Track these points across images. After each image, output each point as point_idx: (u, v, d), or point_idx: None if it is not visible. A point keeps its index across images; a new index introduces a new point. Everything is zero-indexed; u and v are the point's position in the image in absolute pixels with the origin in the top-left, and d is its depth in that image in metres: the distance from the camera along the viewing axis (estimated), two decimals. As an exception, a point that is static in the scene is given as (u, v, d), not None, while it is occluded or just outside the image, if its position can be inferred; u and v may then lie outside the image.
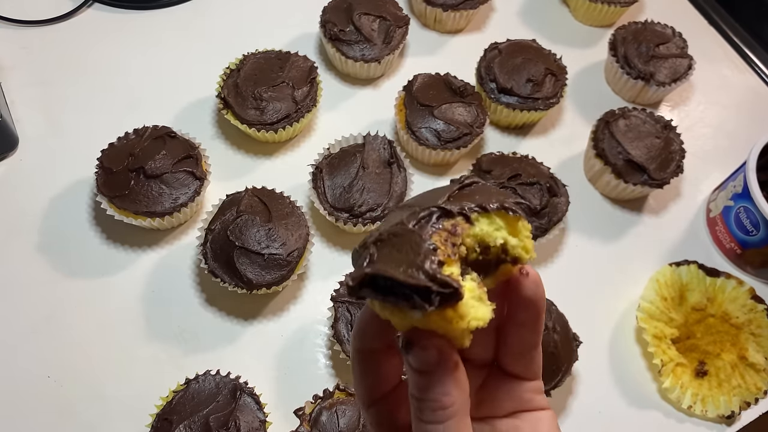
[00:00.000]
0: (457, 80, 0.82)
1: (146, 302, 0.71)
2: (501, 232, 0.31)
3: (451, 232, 0.30)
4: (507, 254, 0.32)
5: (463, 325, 0.29)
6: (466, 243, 0.30)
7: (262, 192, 0.70)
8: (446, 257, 0.29)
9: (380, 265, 0.29)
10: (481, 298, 0.30)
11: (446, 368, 0.29)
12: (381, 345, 0.34)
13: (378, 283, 0.29)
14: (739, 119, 0.93)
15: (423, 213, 0.30)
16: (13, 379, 0.65)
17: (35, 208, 0.75)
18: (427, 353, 0.29)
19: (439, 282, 0.27)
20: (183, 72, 0.87)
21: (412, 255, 0.28)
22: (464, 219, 0.30)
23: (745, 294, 0.73)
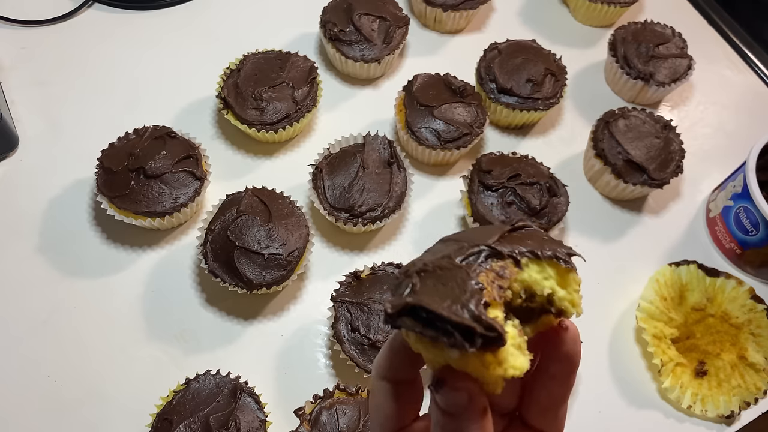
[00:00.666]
0: (457, 80, 0.82)
1: (146, 302, 0.71)
2: (550, 281, 0.30)
3: (499, 274, 0.29)
4: (552, 305, 0.31)
5: (499, 371, 0.28)
6: (513, 287, 0.29)
7: (262, 192, 0.70)
8: (492, 299, 0.28)
9: (423, 297, 0.27)
10: (520, 346, 0.29)
11: (475, 413, 0.28)
12: (406, 377, 0.33)
13: (418, 315, 0.27)
14: (738, 119, 0.93)
15: (472, 250, 0.29)
16: (13, 379, 0.65)
17: (35, 208, 0.75)
18: (457, 395, 0.28)
19: (484, 324, 0.26)
20: (183, 72, 0.87)
21: (457, 291, 0.27)
22: (514, 262, 0.29)
23: (745, 294, 0.73)
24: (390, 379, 0.33)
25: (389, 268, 0.68)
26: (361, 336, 0.63)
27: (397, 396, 0.33)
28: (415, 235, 0.78)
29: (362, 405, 0.60)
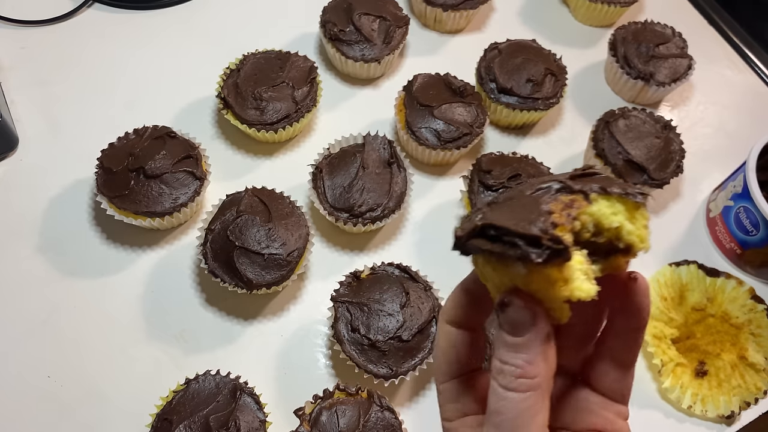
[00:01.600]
0: (457, 80, 0.82)
1: (146, 302, 0.71)
2: (618, 216, 0.31)
3: (568, 204, 0.29)
4: (620, 241, 0.31)
5: (565, 291, 0.28)
6: (582, 220, 0.29)
7: (262, 192, 0.70)
8: (560, 224, 0.28)
9: (493, 217, 0.28)
10: (587, 274, 0.29)
11: (538, 336, 0.29)
12: (471, 323, 0.34)
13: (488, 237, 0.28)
14: (738, 119, 0.93)
15: (542, 185, 0.30)
16: (13, 379, 0.65)
17: (35, 208, 0.75)
18: (521, 313, 0.29)
19: (550, 236, 0.27)
20: (183, 72, 0.87)
21: (526, 213, 0.28)
22: (583, 197, 0.30)
23: (745, 294, 0.73)
24: (456, 323, 0.34)
25: (389, 268, 0.68)
26: (361, 336, 0.63)
27: (461, 341, 0.34)
28: (415, 235, 0.78)
29: (362, 405, 0.60)
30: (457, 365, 0.34)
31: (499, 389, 0.29)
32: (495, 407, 0.29)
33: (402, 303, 0.64)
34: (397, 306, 0.64)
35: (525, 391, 0.29)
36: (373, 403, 0.60)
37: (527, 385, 0.29)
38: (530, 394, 0.29)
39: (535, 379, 0.29)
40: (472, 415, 0.34)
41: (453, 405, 0.34)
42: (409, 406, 0.68)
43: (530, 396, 0.28)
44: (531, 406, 0.28)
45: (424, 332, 0.64)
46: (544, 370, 0.29)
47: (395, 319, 0.63)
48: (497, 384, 0.29)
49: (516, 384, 0.29)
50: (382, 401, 0.60)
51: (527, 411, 0.28)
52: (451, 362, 0.34)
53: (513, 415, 0.29)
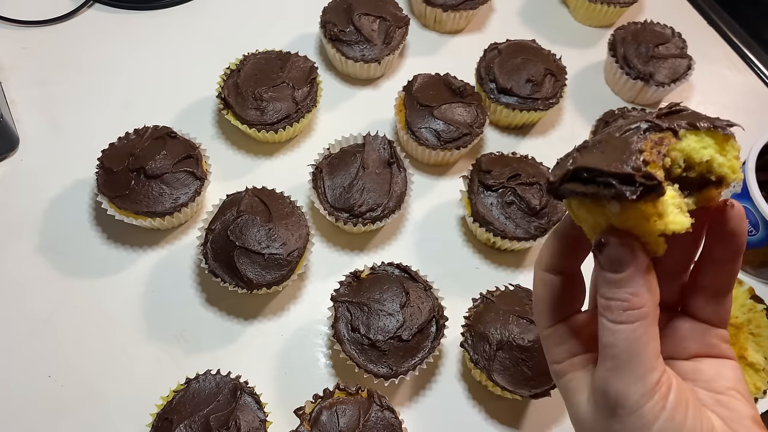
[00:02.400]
0: (457, 80, 0.82)
1: (146, 302, 0.71)
2: (708, 150, 0.31)
3: (658, 142, 0.30)
4: (712, 173, 0.31)
5: (660, 225, 0.29)
6: (672, 156, 0.30)
7: (263, 192, 0.70)
8: (651, 161, 0.29)
9: (585, 160, 0.29)
10: (681, 207, 0.30)
11: (639, 268, 0.30)
12: (568, 268, 0.35)
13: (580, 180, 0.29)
14: (738, 119, 0.92)
15: (631, 126, 0.30)
16: (13, 378, 0.66)
17: (36, 208, 0.75)
18: (621, 250, 0.30)
19: (642, 173, 0.28)
20: (183, 72, 0.87)
21: (618, 153, 0.29)
22: (672, 134, 0.30)
23: (745, 294, 0.73)
24: (553, 269, 0.35)
25: (389, 268, 0.68)
26: (361, 336, 0.63)
27: (559, 287, 0.35)
28: (415, 235, 0.78)
29: (362, 404, 0.60)
30: (559, 310, 0.35)
31: (608, 324, 0.30)
32: (608, 340, 0.31)
33: (402, 303, 0.64)
34: (397, 306, 0.64)
35: (634, 321, 0.30)
36: (373, 402, 0.60)
37: (635, 316, 0.30)
38: (640, 324, 0.30)
39: (642, 309, 0.30)
40: (579, 355, 0.35)
41: (560, 347, 0.36)
42: (409, 405, 0.68)
43: (640, 325, 0.30)
44: (642, 334, 0.30)
45: (424, 332, 0.65)
46: (649, 300, 0.30)
47: (395, 318, 0.63)
48: (606, 319, 0.31)
49: (625, 316, 0.30)
50: (382, 401, 0.60)
51: (639, 339, 0.30)
52: (553, 308, 0.35)
53: (627, 346, 0.30)
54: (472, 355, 0.65)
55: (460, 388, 0.69)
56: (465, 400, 0.69)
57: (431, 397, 0.69)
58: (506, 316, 0.65)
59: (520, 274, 0.77)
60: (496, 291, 0.69)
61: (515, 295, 0.68)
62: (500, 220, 0.73)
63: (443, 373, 0.70)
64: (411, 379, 0.66)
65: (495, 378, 0.63)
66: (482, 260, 0.77)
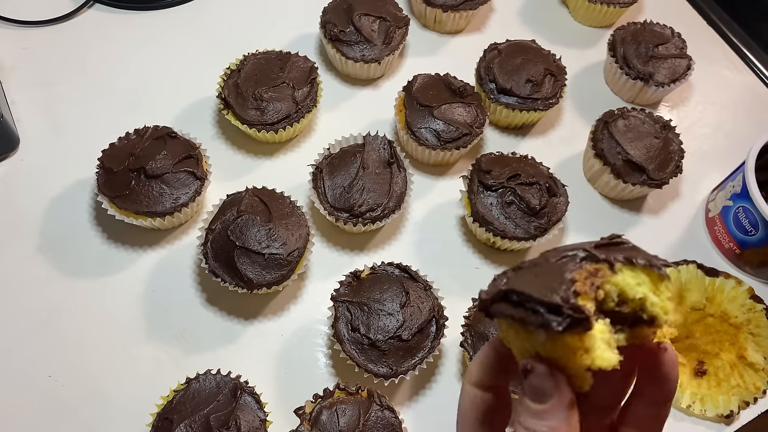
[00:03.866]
0: (457, 80, 0.82)
1: (147, 302, 0.71)
2: (642, 287, 0.31)
3: (593, 273, 0.30)
4: (644, 312, 0.31)
5: (587, 360, 0.28)
6: (605, 289, 0.30)
7: (263, 192, 0.70)
8: (583, 292, 0.29)
9: (516, 283, 0.29)
10: (609, 343, 0.29)
11: (562, 402, 0.29)
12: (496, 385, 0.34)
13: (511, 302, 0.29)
14: (737, 119, 0.93)
15: (568, 253, 0.31)
16: (14, 378, 0.66)
17: (36, 208, 0.75)
18: (544, 380, 0.29)
19: (570, 305, 0.27)
20: (183, 72, 0.87)
21: (549, 280, 0.29)
22: (608, 266, 0.30)
23: (744, 294, 0.73)
24: (481, 385, 0.34)
25: (389, 268, 0.68)
26: (361, 336, 0.63)
27: (486, 404, 0.34)
28: (415, 235, 0.78)
29: (362, 404, 0.60)
30: (482, 428, 0.35)
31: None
32: None
33: (402, 302, 0.64)
34: (397, 305, 0.64)
35: None
36: (373, 402, 0.60)
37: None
38: None
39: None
40: None
41: None
42: (409, 405, 0.68)
43: None
44: None
45: (423, 332, 0.65)
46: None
47: (395, 318, 0.63)
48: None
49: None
50: (382, 400, 0.60)
51: None
52: (475, 424, 0.35)
53: None
54: (472, 354, 0.65)
55: (460, 388, 0.69)
56: (465, 400, 0.69)
57: (431, 397, 0.69)
58: (506, 315, 0.65)
59: (520, 274, 0.77)
60: (496, 291, 0.69)
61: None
62: (500, 220, 0.73)
63: (443, 373, 0.70)
64: (411, 378, 0.66)
65: (495, 378, 0.63)
66: (482, 260, 0.77)
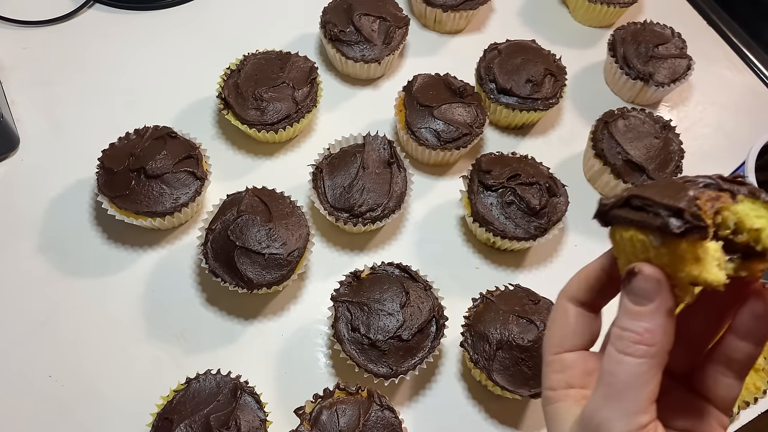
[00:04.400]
0: (457, 80, 0.82)
1: (147, 302, 0.71)
2: (762, 220, 0.31)
3: (714, 198, 0.30)
4: (758, 244, 0.31)
5: (695, 271, 0.29)
6: (724, 216, 0.30)
7: (263, 192, 0.70)
8: (703, 210, 0.29)
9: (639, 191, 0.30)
10: (719, 264, 0.30)
11: (662, 306, 0.30)
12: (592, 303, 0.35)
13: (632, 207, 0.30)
14: (737, 119, 0.93)
15: (691, 178, 0.31)
16: (14, 378, 0.66)
17: (36, 208, 0.75)
18: (648, 282, 0.30)
19: (691, 212, 0.28)
20: (183, 72, 0.87)
21: (673, 191, 0.29)
22: (730, 196, 0.31)
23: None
24: (576, 301, 0.36)
25: (389, 268, 0.68)
26: (361, 335, 0.63)
27: (578, 320, 0.35)
28: (415, 235, 0.78)
29: (362, 404, 0.60)
30: (570, 341, 0.35)
31: (614, 353, 0.30)
32: (609, 369, 0.30)
33: (402, 302, 0.64)
34: (397, 305, 0.64)
35: (641, 356, 0.29)
36: (373, 402, 0.60)
37: (644, 351, 0.29)
38: (645, 361, 0.29)
39: (652, 348, 0.29)
40: (576, 388, 0.35)
41: (559, 375, 0.36)
42: (409, 405, 0.68)
43: (645, 362, 0.29)
44: (645, 372, 0.29)
45: (424, 331, 0.65)
46: (662, 341, 0.30)
47: (395, 318, 0.63)
48: (614, 348, 0.30)
49: (633, 349, 0.30)
50: (382, 400, 0.60)
51: (640, 376, 0.29)
52: (565, 337, 0.36)
53: (625, 378, 0.30)
54: (472, 354, 0.65)
55: (460, 388, 0.69)
56: (465, 400, 0.69)
57: (431, 397, 0.69)
58: (506, 315, 0.65)
59: (520, 274, 0.77)
60: (496, 291, 0.69)
61: (515, 295, 0.68)
62: (500, 220, 0.73)
63: (443, 372, 0.70)
64: (411, 378, 0.66)
65: (495, 378, 0.63)
66: (482, 260, 0.77)
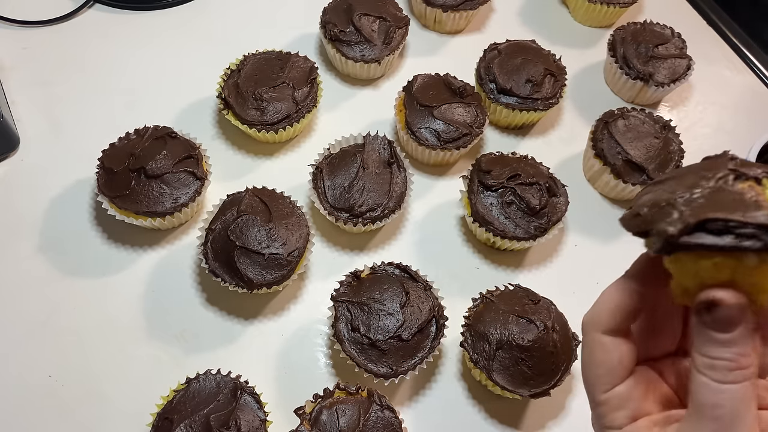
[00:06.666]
0: (457, 81, 0.82)
1: (147, 302, 0.71)
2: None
3: (748, 191, 0.29)
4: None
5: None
6: None
7: (263, 192, 0.70)
8: None
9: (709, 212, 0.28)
10: None
11: (747, 328, 0.29)
12: (627, 329, 0.34)
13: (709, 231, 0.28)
14: (737, 119, 0.93)
15: (719, 174, 0.30)
16: (14, 378, 0.66)
17: (36, 208, 0.75)
18: (732, 310, 0.29)
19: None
20: (184, 72, 0.87)
21: (738, 203, 0.28)
22: (756, 182, 0.30)
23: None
24: (613, 332, 0.34)
25: (389, 268, 0.68)
26: (361, 335, 0.63)
27: (622, 349, 0.34)
28: (415, 235, 0.78)
29: (362, 404, 0.60)
30: (619, 374, 0.34)
31: (713, 384, 0.30)
32: (711, 401, 0.30)
33: (402, 302, 0.64)
34: (397, 305, 0.64)
35: (742, 381, 0.29)
36: (373, 402, 0.60)
37: (744, 376, 0.29)
38: (746, 384, 0.29)
39: (749, 369, 0.29)
40: (644, 417, 0.34)
41: (621, 412, 0.34)
42: (409, 405, 0.68)
43: (746, 386, 0.29)
44: (746, 395, 0.29)
45: (424, 331, 0.65)
46: (755, 360, 0.29)
47: (395, 318, 0.63)
48: (710, 379, 0.30)
49: (732, 377, 0.29)
50: (382, 400, 0.60)
51: (743, 401, 0.29)
52: (612, 372, 0.34)
53: (733, 406, 0.29)
54: (472, 354, 0.65)
55: (460, 388, 0.70)
56: (465, 400, 0.69)
57: (431, 397, 0.69)
58: (506, 315, 0.65)
59: (520, 274, 0.77)
60: (496, 291, 0.69)
61: (515, 295, 0.68)
62: (500, 220, 0.73)
63: (443, 372, 0.70)
64: (411, 378, 0.66)
65: (495, 377, 0.63)
66: (482, 260, 0.77)
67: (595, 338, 0.35)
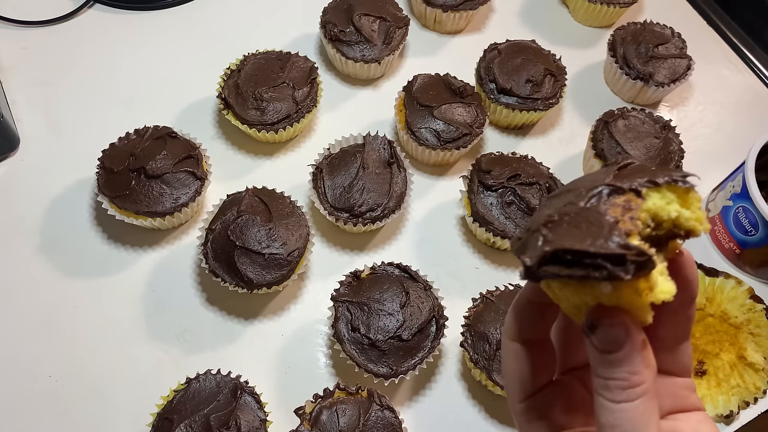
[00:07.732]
0: (457, 81, 0.82)
1: (147, 302, 0.71)
2: (673, 205, 0.30)
3: (626, 207, 0.29)
4: (679, 228, 0.31)
5: (651, 297, 0.28)
6: (640, 218, 0.29)
7: (263, 192, 0.70)
8: (629, 230, 0.28)
9: (563, 241, 0.28)
10: (662, 272, 0.29)
11: (635, 346, 0.29)
12: (536, 336, 0.34)
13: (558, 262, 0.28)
14: (737, 119, 0.93)
15: (592, 192, 0.30)
16: (14, 378, 0.66)
17: (36, 208, 0.75)
18: (615, 331, 0.29)
19: (634, 250, 0.27)
20: (184, 72, 0.87)
21: (594, 228, 0.28)
22: (635, 194, 0.30)
23: (744, 294, 0.73)
24: (520, 339, 0.34)
25: (389, 268, 0.68)
26: (361, 335, 0.63)
27: (528, 357, 0.34)
28: (415, 235, 0.78)
29: (362, 404, 0.60)
30: (533, 381, 0.34)
31: (608, 404, 0.30)
32: (609, 421, 0.30)
33: (402, 302, 0.64)
34: (397, 305, 0.64)
35: (636, 399, 0.29)
36: (373, 402, 0.60)
37: (636, 393, 0.29)
38: (641, 401, 0.29)
39: (642, 386, 0.29)
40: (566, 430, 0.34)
41: (540, 423, 0.34)
42: (409, 405, 0.68)
43: (641, 402, 0.29)
44: (644, 412, 0.29)
45: (424, 331, 0.65)
46: (648, 375, 0.29)
47: (395, 318, 0.64)
48: (605, 399, 0.30)
49: (626, 395, 0.29)
50: (382, 400, 0.61)
51: (641, 417, 0.29)
52: (525, 380, 0.34)
53: (629, 425, 0.29)
54: (472, 354, 0.65)
55: (460, 388, 0.70)
56: (465, 400, 0.69)
57: (431, 397, 0.69)
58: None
59: (520, 274, 0.77)
60: (496, 291, 0.69)
61: (515, 295, 0.68)
62: (500, 220, 0.73)
63: (443, 372, 0.70)
64: (411, 378, 0.66)
65: (495, 378, 0.63)
66: (482, 260, 0.77)
67: (507, 345, 0.35)
